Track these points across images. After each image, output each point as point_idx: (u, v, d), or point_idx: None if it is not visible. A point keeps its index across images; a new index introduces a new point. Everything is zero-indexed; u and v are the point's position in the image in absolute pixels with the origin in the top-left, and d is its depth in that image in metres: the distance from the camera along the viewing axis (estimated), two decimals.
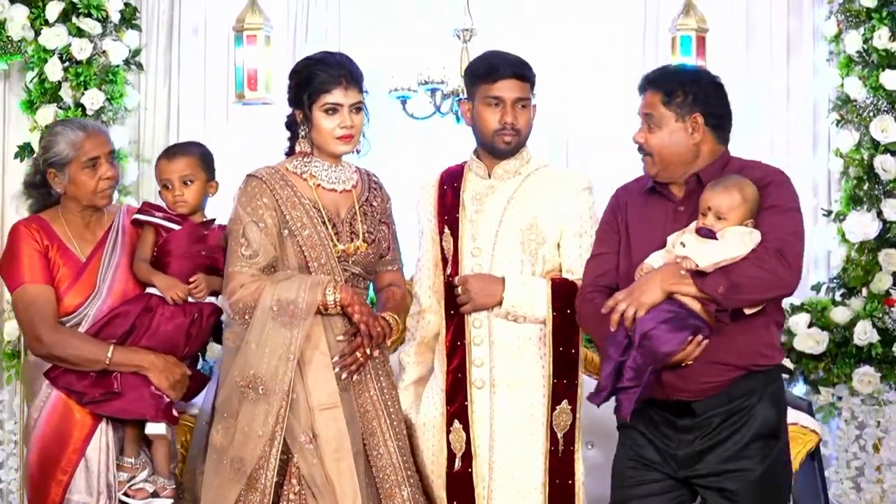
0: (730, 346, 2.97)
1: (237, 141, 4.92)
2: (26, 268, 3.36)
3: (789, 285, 2.94)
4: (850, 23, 4.66)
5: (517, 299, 3.26)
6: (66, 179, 3.42)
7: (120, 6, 4.78)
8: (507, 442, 3.29)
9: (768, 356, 3.05)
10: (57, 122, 3.61)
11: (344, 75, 3.32)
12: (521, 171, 3.37)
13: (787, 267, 2.90)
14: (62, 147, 3.41)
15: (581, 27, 4.85)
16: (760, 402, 3.01)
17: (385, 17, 4.89)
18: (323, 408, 3.25)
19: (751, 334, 3.00)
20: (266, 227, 3.32)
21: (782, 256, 2.89)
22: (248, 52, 4.64)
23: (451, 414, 3.34)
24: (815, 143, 4.82)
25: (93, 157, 3.41)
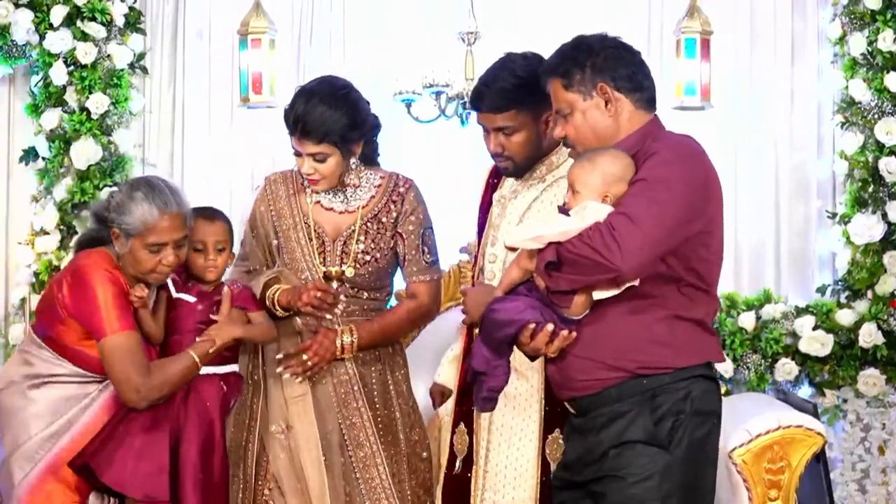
0: (604, 341, 2.64)
1: (242, 144, 4.94)
2: (117, 313, 3.08)
3: (613, 267, 2.51)
4: (855, 25, 4.66)
5: None
6: (127, 247, 3.12)
7: (125, 10, 4.79)
8: (501, 452, 3.21)
9: (659, 357, 2.63)
10: (143, 182, 3.21)
11: (299, 126, 3.20)
12: (546, 177, 3.21)
13: (612, 246, 2.50)
14: (134, 219, 3.09)
15: (585, 29, 4.81)
16: (644, 408, 2.63)
17: (389, 20, 4.90)
18: (295, 397, 3.28)
19: (633, 329, 2.63)
20: (258, 234, 3.39)
21: (612, 234, 2.51)
22: (253, 56, 4.65)
23: (458, 415, 3.30)
24: (819, 146, 4.82)
25: (160, 243, 3.11)
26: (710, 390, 2.68)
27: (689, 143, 2.74)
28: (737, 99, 4.82)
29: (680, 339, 2.63)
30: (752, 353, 4.67)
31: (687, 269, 2.63)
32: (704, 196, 2.63)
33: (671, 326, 2.63)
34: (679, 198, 2.57)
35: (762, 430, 3.96)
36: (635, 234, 2.52)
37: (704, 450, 2.66)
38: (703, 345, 2.68)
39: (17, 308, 4.78)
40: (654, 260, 2.57)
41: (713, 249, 2.68)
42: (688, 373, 2.63)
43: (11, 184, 4.90)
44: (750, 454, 3.94)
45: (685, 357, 2.64)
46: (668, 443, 2.60)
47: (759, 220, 4.84)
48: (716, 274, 2.71)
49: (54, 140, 4.71)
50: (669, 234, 2.56)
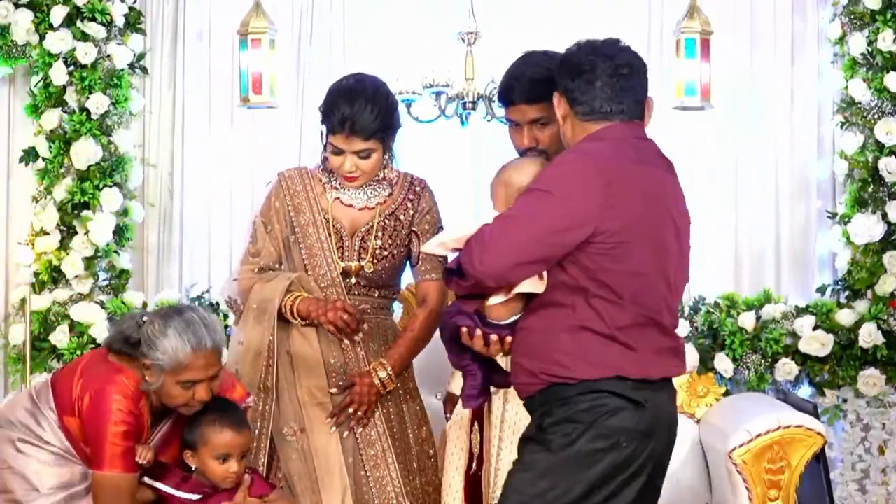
0: (524, 348, 2.68)
1: (242, 144, 4.93)
2: (118, 454, 3.02)
3: (471, 272, 2.57)
4: (855, 25, 4.66)
5: None
6: (159, 382, 3.03)
7: (125, 10, 4.79)
8: (511, 451, 3.24)
9: (563, 367, 2.61)
10: (176, 312, 3.10)
11: (348, 124, 3.23)
12: None
13: (476, 251, 2.56)
14: (167, 356, 3.00)
15: (585, 30, 4.82)
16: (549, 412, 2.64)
17: (389, 20, 4.89)
18: (312, 402, 3.29)
19: (543, 337, 2.65)
20: (272, 230, 3.37)
21: (479, 239, 2.57)
22: (253, 56, 4.64)
23: (473, 414, 3.31)
24: (819, 146, 4.82)
25: (192, 381, 3.04)
26: (618, 408, 2.60)
27: (595, 150, 2.66)
28: (737, 99, 4.82)
29: (586, 352, 2.60)
30: (752, 353, 4.67)
31: (592, 280, 2.59)
32: (597, 205, 2.57)
33: (577, 337, 2.61)
34: (556, 206, 2.56)
35: (762, 430, 3.96)
36: (498, 239, 2.56)
37: (597, 464, 2.59)
38: (613, 359, 2.61)
39: (17, 308, 4.78)
40: (521, 266, 2.58)
41: (629, 263, 2.60)
42: (594, 386, 2.60)
43: (11, 184, 4.89)
44: (750, 454, 3.94)
45: (589, 370, 2.60)
46: (557, 446, 2.59)
47: (759, 220, 4.85)
48: (633, 287, 2.61)
49: (54, 140, 4.71)
50: (538, 241, 2.56)
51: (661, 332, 2.68)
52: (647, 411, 2.62)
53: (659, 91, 4.78)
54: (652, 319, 2.65)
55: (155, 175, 4.92)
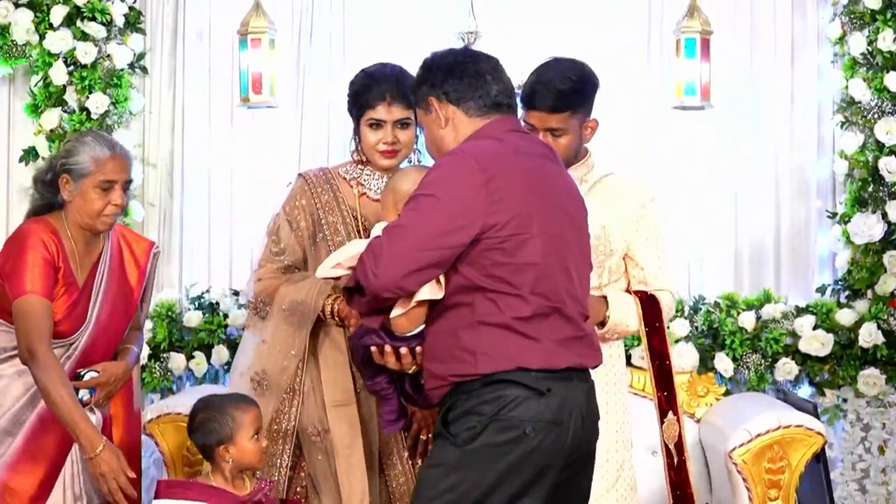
0: (431, 353, 2.70)
1: (242, 144, 4.93)
2: (32, 276, 3.21)
3: (368, 284, 2.59)
4: (855, 25, 4.66)
5: (619, 318, 3.22)
6: (77, 191, 3.27)
7: (124, 10, 4.79)
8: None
9: (466, 363, 2.61)
10: (88, 131, 3.48)
11: (388, 90, 3.28)
12: (586, 178, 3.30)
13: (369, 263, 2.58)
14: (84, 158, 3.25)
15: (585, 29, 4.84)
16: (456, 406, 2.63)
17: (389, 20, 4.89)
18: (336, 404, 3.29)
19: (446, 338, 2.65)
20: (298, 228, 3.36)
21: (372, 251, 2.59)
22: (253, 56, 4.64)
23: None
24: (819, 145, 4.82)
25: (110, 181, 3.27)
26: (520, 397, 2.58)
27: (474, 148, 2.67)
28: (737, 99, 4.82)
29: (486, 345, 2.60)
30: (752, 353, 4.67)
31: (487, 277, 2.59)
32: (481, 202, 2.57)
33: (477, 332, 2.60)
34: (441, 208, 2.57)
35: (762, 430, 3.97)
36: (389, 250, 2.57)
37: (505, 456, 2.57)
38: (514, 350, 2.60)
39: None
40: (415, 273, 2.57)
41: (522, 255, 2.60)
42: (496, 377, 2.58)
43: (11, 184, 4.89)
44: (750, 454, 3.95)
45: (491, 362, 2.59)
46: (462, 440, 2.58)
47: (759, 219, 4.84)
48: (530, 278, 2.60)
49: (54, 140, 4.70)
50: (428, 247, 2.56)
51: (566, 322, 2.66)
52: (552, 400, 2.60)
53: (659, 91, 4.81)
54: (555, 309, 2.64)
55: (155, 175, 4.91)
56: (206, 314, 4.77)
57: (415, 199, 2.62)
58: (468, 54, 2.83)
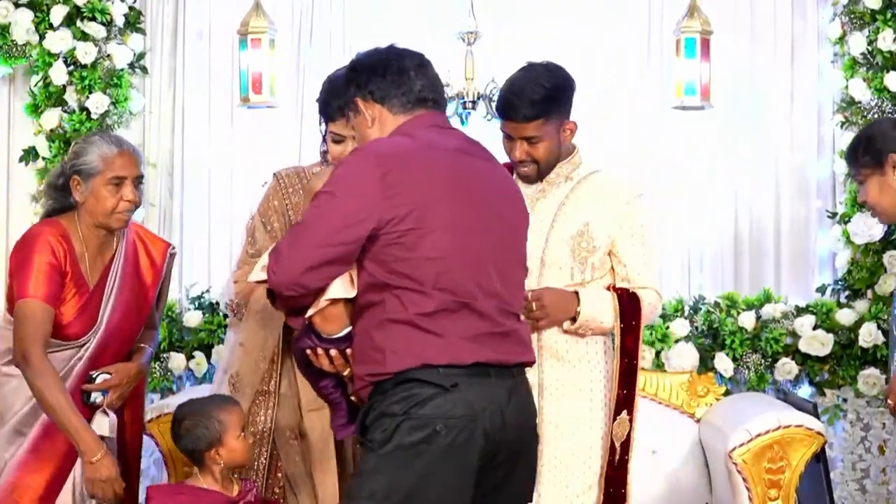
0: (353, 352, 2.69)
1: (242, 144, 4.93)
2: (36, 281, 3.23)
3: (272, 280, 2.61)
4: (855, 25, 4.66)
5: (591, 314, 3.23)
6: (88, 191, 3.29)
7: (124, 10, 4.79)
8: (559, 445, 3.26)
9: (377, 363, 2.59)
10: (95, 131, 3.53)
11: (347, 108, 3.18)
12: (572, 175, 3.32)
13: (272, 262, 2.60)
14: (93, 157, 3.28)
15: (585, 29, 4.85)
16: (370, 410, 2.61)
17: (389, 20, 4.89)
18: (312, 408, 3.30)
19: (361, 338, 2.65)
20: (272, 229, 3.37)
21: (276, 250, 2.62)
22: (253, 56, 4.64)
23: None
24: (819, 145, 4.82)
25: (120, 177, 3.29)
26: (427, 395, 2.55)
27: (375, 144, 2.68)
28: (737, 99, 4.82)
29: (394, 343, 2.58)
30: (752, 353, 4.67)
31: (391, 273, 2.58)
32: (375, 198, 2.56)
33: (386, 331, 2.59)
34: (336, 205, 2.57)
35: (762, 430, 3.97)
36: (290, 247, 2.59)
37: (421, 456, 2.53)
38: (418, 347, 2.57)
39: None
40: (314, 270, 2.57)
41: (423, 249, 2.57)
42: (404, 376, 2.56)
43: (11, 184, 4.89)
44: (750, 454, 3.95)
45: (398, 360, 2.57)
46: (377, 444, 2.55)
47: (759, 220, 4.84)
48: (433, 273, 2.58)
49: (54, 140, 4.71)
50: (325, 243, 2.56)
51: (477, 317, 2.62)
52: (460, 395, 2.56)
53: (659, 91, 4.81)
54: (463, 304, 2.60)
55: (155, 175, 4.91)
56: (206, 314, 4.78)
57: (316, 197, 2.63)
58: (392, 52, 2.79)
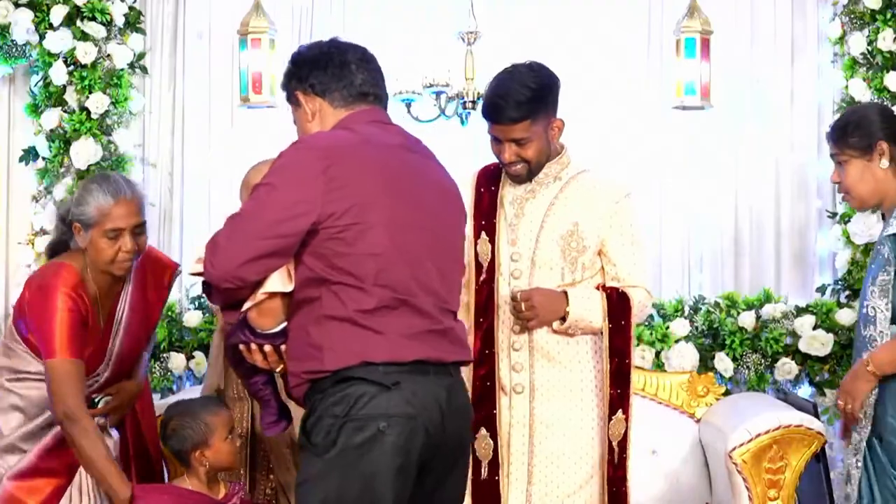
0: (288, 348, 2.64)
1: (242, 144, 4.93)
2: (65, 339, 3.15)
3: (209, 272, 2.56)
4: (855, 25, 4.66)
5: (580, 314, 3.23)
6: (88, 240, 3.22)
7: (124, 10, 4.79)
8: (550, 445, 3.26)
9: (315, 360, 2.56)
10: (98, 176, 3.39)
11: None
12: (561, 175, 3.32)
13: (209, 254, 2.56)
14: (90, 208, 3.20)
15: (585, 29, 4.85)
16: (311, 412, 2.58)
17: (389, 19, 4.89)
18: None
19: (298, 335, 2.61)
20: None
21: (213, 241, 2.57)
22: (253, 56, 4.65)
23: (476, 421, 3.27)
24: (819, 145, 4.81)
25: (117, 228, 3.22)
26: (368, 394, 2.52)
27: (316, 137, 2.66)
28: (737, 99, 4.82)
29: (332, 341, 2.55)
30: (752, 353, 4.67)
31: (330, 268, 2.54)
32: (317, 190, 2.53)
33: (323, 327, 2.55)
34: (277, 197, 2.54)
35: (762, 430, 3.97)
36: (228, 239, 2.55)
37: (366, 456, 2.51)
38: (357, 344, 2.54)
39: None
40: (253, 262, 2.53)
41: (364, 244, 2.54)
42: (344, 375, 2.53)
43: (11, 184, 4.90)
44: (750, 454, 3.95)
45: (337, 358, 2.54)
46: (322, 448, 2.52)
47: (759, 220, 4.84)
48: (373, 269, 2.55)
49: (54, 140, 4.71)
50: (264, 235, 2.52)
51: (416, 315, 2.60)
52: (401, 393, 2.53)
53: (659, 91, 4.81)
54: (402, 301, 2.58)
55: (155, 175, 4.92)
56: (206, 314, 4.77)
57: (256, 189, 2.58)
58: (333, 45, 2.77)
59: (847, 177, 3.15)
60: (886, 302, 2.99)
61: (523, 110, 3.17)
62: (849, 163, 3.14)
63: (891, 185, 3.12)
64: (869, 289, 3.04)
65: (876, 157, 3.11)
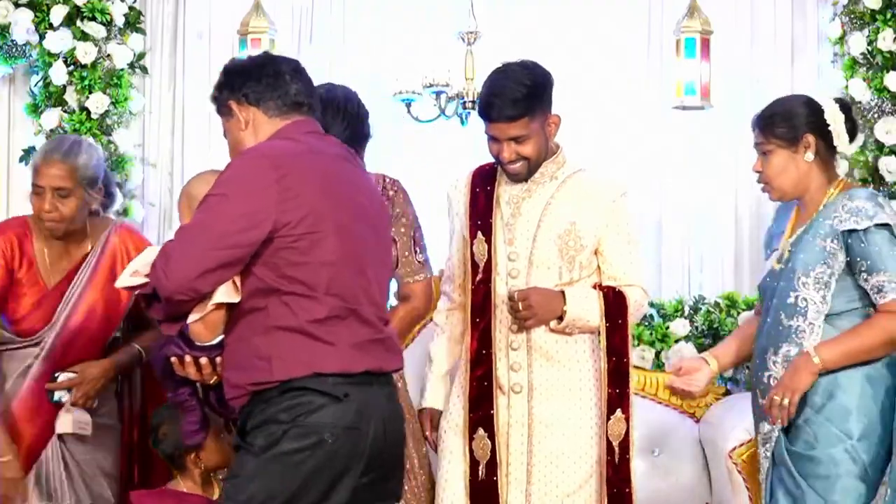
0: (229, 361, 2.65)
1: None
2: None
3: (162, 285, 2.52)
4: (855, 25, 4.65)
5: (577, 313, 3.22)
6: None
7: (124, 10, 4.79)
8: (549, 445, 3.25)
9: (261, 371, 2.56)
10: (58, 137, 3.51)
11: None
12: (557, 175, 3.31)
13: (160, 264, 2.53)
14: (33, 160, 3.34)
15: (585, 29, 4.85)
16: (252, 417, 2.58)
17: (389, 19, 4.90)
18: None
19: (242, 346, 2.61)
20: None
21: (164, 253, 2.56)
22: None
23: (474, 422, 3.28)
24: None
25: (38, 185, 3.29)
26: (317, 404, 2.54)
27: (265, 147, 2.66)
28: (737, 99, 4.82)
29: (280, 351, 2.55)
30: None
31: (282, 278, 2.55)
32: (273, 200, 2.53)
33: (272, 338, 2.56)
34: (232, 207, 2.53)
35: None
36: (181, 250, 2.53)
37: (304, 464, 2.53)
38: (309, 355, 2.55)
39: None
40: (208, 273, 2.52)
41: (317, 253, 2.56)
42: (293, 385, 2.54)
43: (11, 184, 4.90)
44: (750, 454, 3.95)
45: (286, 368, 2.54)
46: (259, 449, 2.53)
47: (759, 219, 4.84)
48: (325, 278, 2.57)
49: None
50: (220, 246, 2.51)
51: (362, 324, 2.63)
52: (350, 405, 2.56)
53: (659, 91, 4.81)
54: (351, 311, 2.61)
55: (155, 175, 4.92)
56: None
57: (206, 200, 2.58)
58: (267, 57, 2.84)
59: (769, 167, 3.12)
60: (824, 295, 2.95)
61: (520, 107, 3.17)
62: (773, 153, 3.11)
63: (813, 179, 3.09)
64: (799, 280, 2.98)
65: (801, 150, 3.08)
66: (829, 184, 3.09)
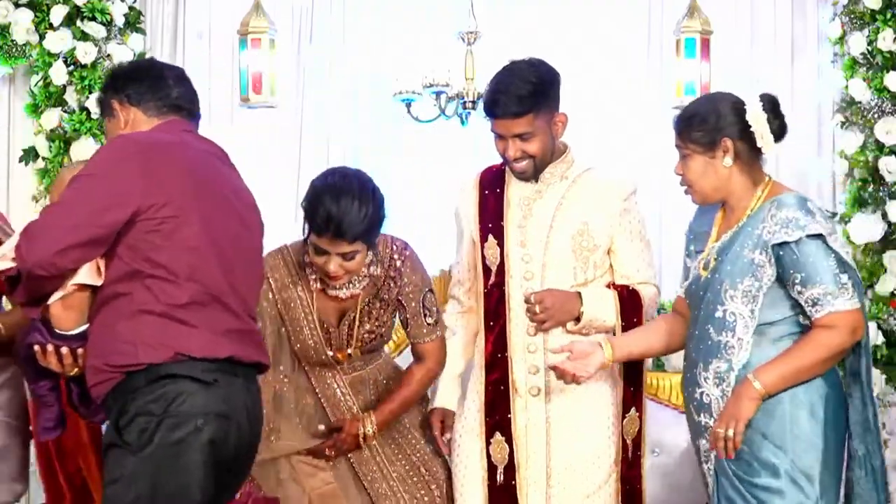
0: (93, 346, 2.63)
1: (242, 144, 4.92)
2: None
3: (23, 260, 2.53)
4: (855, 24, 4.66)
5: (594, 313, 3.22)
6: None
7: (125, 10, 4.79)
8: (567, 446, 3.24)
9: (126, 355, 2.55)
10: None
11: (331, 230, 3.03)
12: (567, 174, 3.29)
13: (23, 242, 2.55)
14: None
15: (585, 29, 4.86)
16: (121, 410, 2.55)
17: (389, 20, 4.90)
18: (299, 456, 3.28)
19: (107, 330, 2.60)
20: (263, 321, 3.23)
21: (26, 230, 2.57)
22: (253, 56, 4.65)
23: (490, 426, 3.27)
24: (819, 145, 4.82)
25: None
26: (187, 391, 2.54)
27: (136, 134, 2.73)
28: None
29: (144, 335, 2.56)
30: None
31: (145, 261, 2.57)
32: (138, 182, 2.56)
33: (135, 322, 2.56)
34: (97, 186, 2.57)
35: None
36: (44, 227, 2.56)
37: (183, 454, 2.52)
38: (173, 338, 2.55)
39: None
40: (70, 250, 2.53)
41: (180, 238, 2.58)
42: (160, 371, 2.54)
43: (11, 184, 4.90)
44: None
45: (151, 352, 2.55)
46: (136, 446, 2.52)
47: None
48: (187, 263, 2.59)
49: (54, 140, 4.71)
50: (83, 223, 2.53)
51: (226, 312, 2.64)
52: (218, 391, 2.58)
53: (659, 91, 4.81)
54: (214, 298, 2.62)
55: None
56: None
57: (76, 179, 2.62)
58: (152, 62, 2.98)
59: (689, 171, 2.95)
60: (752, 309, 2.80)
61: (525, 104, 3.15)
62: (691, 157, 2.93)
63: (736, 183, 2.92)
64: (726, 293, 2.82)
65: (719, 155, 2.91)
66: (755, 186, 2.93)
